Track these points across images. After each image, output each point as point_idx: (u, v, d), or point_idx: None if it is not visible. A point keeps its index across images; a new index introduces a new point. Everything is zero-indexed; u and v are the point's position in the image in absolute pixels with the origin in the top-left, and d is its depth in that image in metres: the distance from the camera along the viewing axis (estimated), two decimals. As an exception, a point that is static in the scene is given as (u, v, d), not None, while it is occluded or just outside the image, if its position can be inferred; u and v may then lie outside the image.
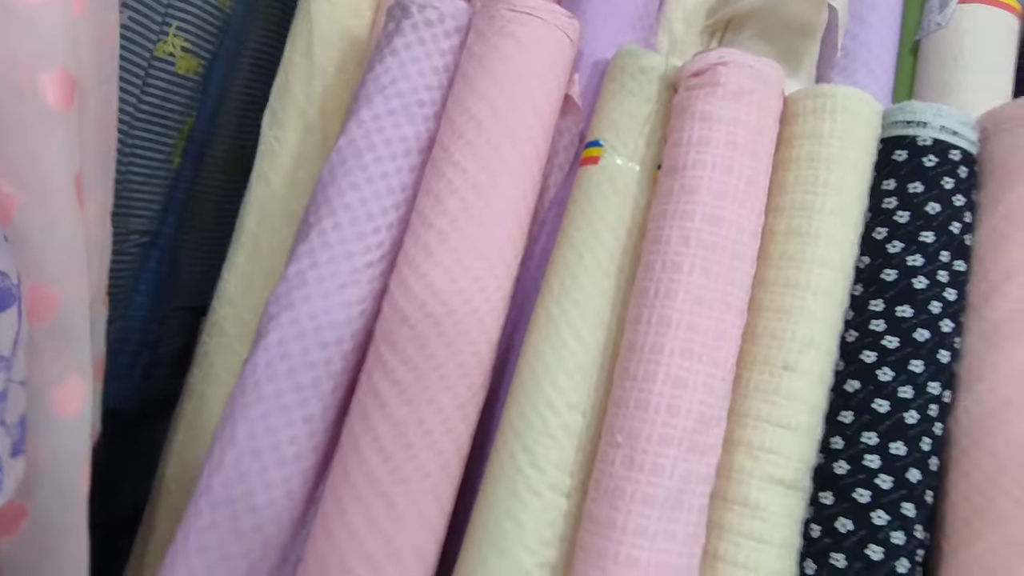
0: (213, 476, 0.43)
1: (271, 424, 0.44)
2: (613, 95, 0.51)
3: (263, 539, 0.42)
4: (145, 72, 0.61)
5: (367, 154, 0.47)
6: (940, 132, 0.46)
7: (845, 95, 0.46)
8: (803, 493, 0.43)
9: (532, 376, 0.46)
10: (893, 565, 0.40)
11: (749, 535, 0.41)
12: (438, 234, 0.45)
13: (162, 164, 0.65)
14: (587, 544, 0.41)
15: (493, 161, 0.47)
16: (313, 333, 0.45)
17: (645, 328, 0.43)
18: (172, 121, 0.64)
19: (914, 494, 0.41)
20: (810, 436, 0.43)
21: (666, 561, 0.39)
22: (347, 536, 0.41)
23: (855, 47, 0.54)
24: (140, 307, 0.70)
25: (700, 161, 0.45)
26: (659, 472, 0.40)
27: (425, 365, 0.43)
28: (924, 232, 0.45)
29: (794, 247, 0.45)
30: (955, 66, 0.53)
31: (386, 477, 0.42)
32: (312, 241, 0.47)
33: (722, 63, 0.46)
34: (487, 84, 0.48)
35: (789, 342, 0.44)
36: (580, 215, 0.49)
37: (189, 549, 0.41)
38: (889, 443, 0.42)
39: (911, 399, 0.43)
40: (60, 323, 0.36)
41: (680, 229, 0.44)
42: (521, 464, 0.44)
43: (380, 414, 0.43)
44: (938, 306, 0.44)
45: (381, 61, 0.50)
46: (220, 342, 0.56)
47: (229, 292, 0.56)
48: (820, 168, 0.46)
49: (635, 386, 0.42)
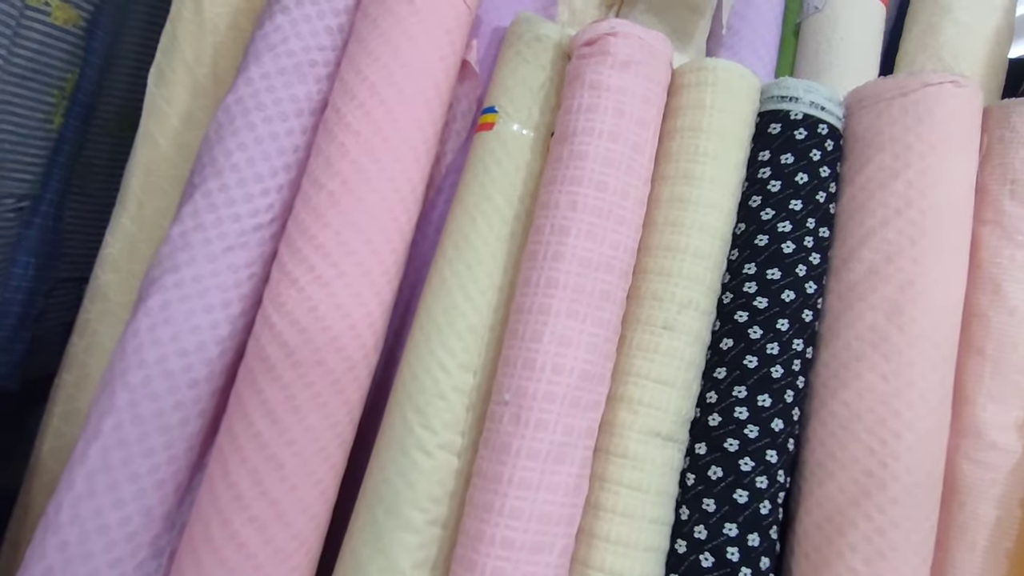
0: (90, 445, 0.41)
1: (153, 390, 0.42)
2: (508, 62, 0.52)
3: (144, 506, 0.41)
4: (16, 23, 0.57)
5: (255, 113, 0.46)
6: (810, 107, 0.50)
7: (725, 68, 0.49)
8: (680, 445, 0.46)
9: (424, 339, 0.46)
10: (757, 507, 0.44)
11: (628, 485, 0.44)
12: (329, 196, 0.45)
13: (40, 124, 0.61)
14: (475, 499, 0.42)
15: (386, 125, 0.46)
16: (198, 296, 0.44)
17: (533, 290, 0.44)
18: (50, 77, 0.60)
19: (777, 442, 0.45)
20: (687, 391, 0.46)
21: (549, 511, 0.41)
22: (232, 499, 0.41)
23: (741, 26, 0.57)
24: (21, 278, 0.66)
25: (588, 128, 0.46)
26: (543, 427, 0.42)
27: (314, 327, 0.43)
28: (793, 200, 0.48)
29: (676, 213, 0.48)
30: (828, 47, 0.56)
31: (274, 440, 0.42)
32: (197, 202, 0.45)
33: (612, 33, 0.48)
34: (381, 46, 0.47)
35: (668, 302, 0.46)
36: (474, 180, 0.49)
37: (61, 520, 0.40)
38: (757, 396, 0.45)
39: (776, 355, 0.46)
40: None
41: (568, 194, 0.45)
42: (412, 425, 0.45)
43: (268, 377, 0.42)
44: (803, 269, 0.47)
45: (271, 18, 0.48)
46: (104, 309, 0.53)
47: (113, 257, 0.54)
48: (701, 138, 0.48)
49: (523, 346, 0.44)
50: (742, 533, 0.43)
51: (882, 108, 0.49)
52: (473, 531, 0.41)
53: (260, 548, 0.40)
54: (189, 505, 0.44)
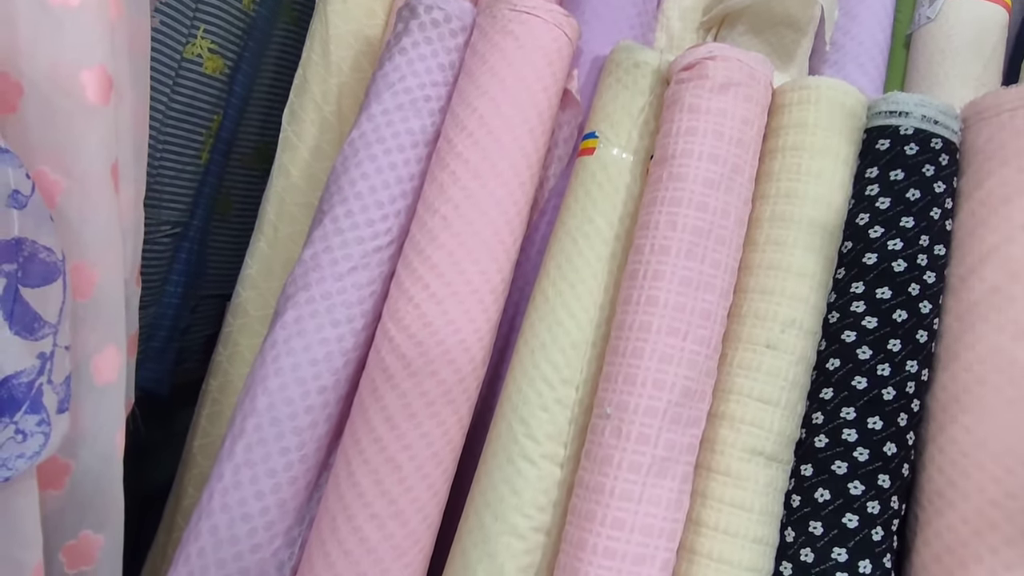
0: (236, 442, 0.47)
1: (289, 395, 0.47)
2: (609, 89, 0.54)
3: (279, 499, 0.46)
4: (175, 73, 0.65)
5: (377, 146, 0.51)
6: (922, 122, 0.48)
7: (828, 86, 0.49)
8: (784, 465, 0.45)
9: (529, 353, 0.49)
10: (868, 533, 0.43)
11: (731, 502, 0.44)
12: (442, 220, 0.49)
13: (192, 159, 0.69)
14: (578, 509, 0.44)
15: (493, 152, 0.50)
16: (326, 312, 0.49)
17: (634, 308, 0.46)
18: (200, 119, 0.68)
19: (890, 466, 0.43)
20: (791, 411, 0.45)
21: (650, 524, 0.42)
22: (356, 496, 0.45)
23: (845, 42, 0.56)
24: (172, 295, 0.74)
25: (687, 150, 0.47)
26: (644, 441, 0.43)
27: (429, 341, 0.46)
28: (904, 217, 0.47)
29: (778, 232, 0.48)
30: (942, 58, 0.54)
31: (392, 443, 0.45)
32: (326, 227, 0.50)
33: (710, 57, 0.49)
34: (489, 79, 0.51)
35: (771, 321, 0.46)
36: (576, 203, 0.52)
37: (213, 507, 0.45)
38: (867, 418, 0.44)
39: (888, 376, 0.45)
40: (98, 299, 0.40)
41: (668, 215, 0.47)
42: (517, 434, 0.47)
43: (387, 386, 0.46)
44: (917, 288, 0.46)
45: (390, 59, 0.53)
46: (243, 323, 0.60)
47: (251, 277, 0.60)
48: (803, 157, 0.48)
49: (624, 362, 0.45)
50: (852, 559, 0.42)
51: (1004, 120, 0.47)
52: (576, 539, 0.43)
53: (380, 543, 0.44)
54: (317, 500, 0.48)
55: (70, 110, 0.37)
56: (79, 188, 0.38)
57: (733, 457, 0.44)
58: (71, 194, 0.38)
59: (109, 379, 0.42)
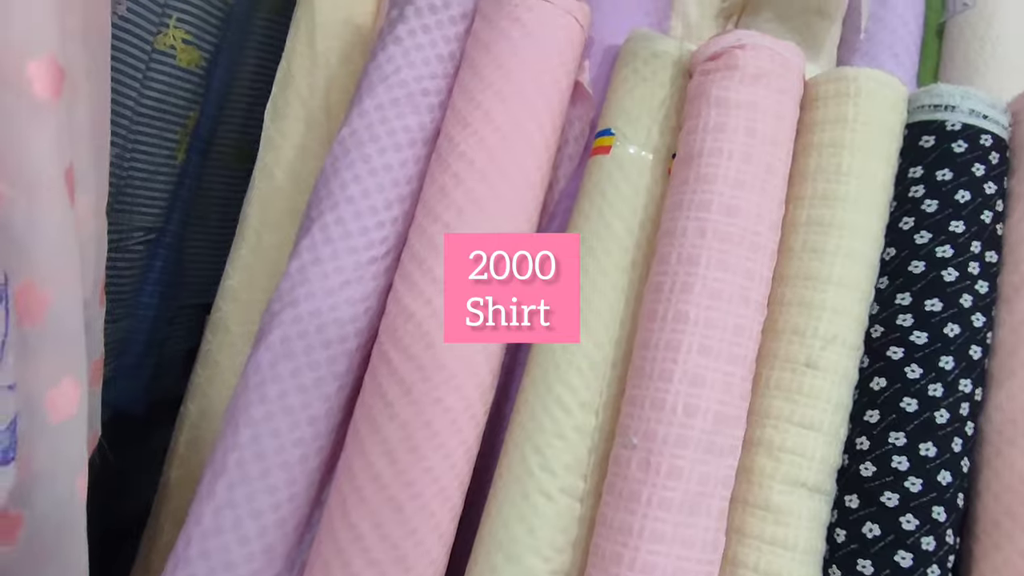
0: (216, 480, 0.42)
1: (275, 427, 0.42)
2: (625, 81, 0.49)
3: (266, 544, 0.41)
4: (145, 66, 0.60)
5: (370, 145, 0.46)
6: (969, 116, 0.44)
7: (869, 78, 0.44)
8: (827, 496, 0.41)
9: (543, 375, 0.44)
10: (924, 571, 0.38)
11: (771, 540, 0.40)
12: (444, 228, 0.44)
13: (166, 160, 0.64)
14: (602, 550, 0.40)
15: (501, 152, 0.45)
16: (316, 332, 0.43)
17: (660, 324, 0.41)
18: (175, 116, 0.63)
19: (945, 497, 0.39)
20: (834, 436, 0.41)
21: (684, 568, 0.38)
22: (352, 540, 0.40)
23: (878, 30, 0.52)
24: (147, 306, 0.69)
25: (716, 149, 0.43)
26: (676, 475, 0.38)
27: (431, 364, 0.42)
28: (954, 221, 0.43)
29: (816, 238, 0.43)
30: (982, 47, 0.50)
31: (393, 480, 0.40)
32: (314, 235, 0.45)
33: (740, 46, 0.44)
34: (494, 72, 0.46)
35: (811, 338, 0.42)
36: (591, 207, 0.47)
37: (191, 555, 0.40)
38: (918, 444, 0.40)
39: (941, 397, 0.41)
40: (52, 324, 0.35)
41: (696, 220, 0.42)
42: (532, 466, 0.42)
43: (385, 415, 0.42)
44: (969, 299, 0.42)
45: (384, 49, 0.48)
46: (224, 340, 0.55)
47: (232, 288, 0.55)
48: (844, 155, 0.44)
49: (650, 385, 0.40)
50: (905, 600, 0.38)
51: (1058, 113, 0.43)
52: (601, 586, 0.38)
53: (381, 594, 0.39)
54: (308, 543, 0.43)
55: (13, 107, 0.31)
56: (26, 197, 0.32)
57: (772, 490, 0.40)
58: (16, 204, 0.32)
59: (67, 415, 0.37)
